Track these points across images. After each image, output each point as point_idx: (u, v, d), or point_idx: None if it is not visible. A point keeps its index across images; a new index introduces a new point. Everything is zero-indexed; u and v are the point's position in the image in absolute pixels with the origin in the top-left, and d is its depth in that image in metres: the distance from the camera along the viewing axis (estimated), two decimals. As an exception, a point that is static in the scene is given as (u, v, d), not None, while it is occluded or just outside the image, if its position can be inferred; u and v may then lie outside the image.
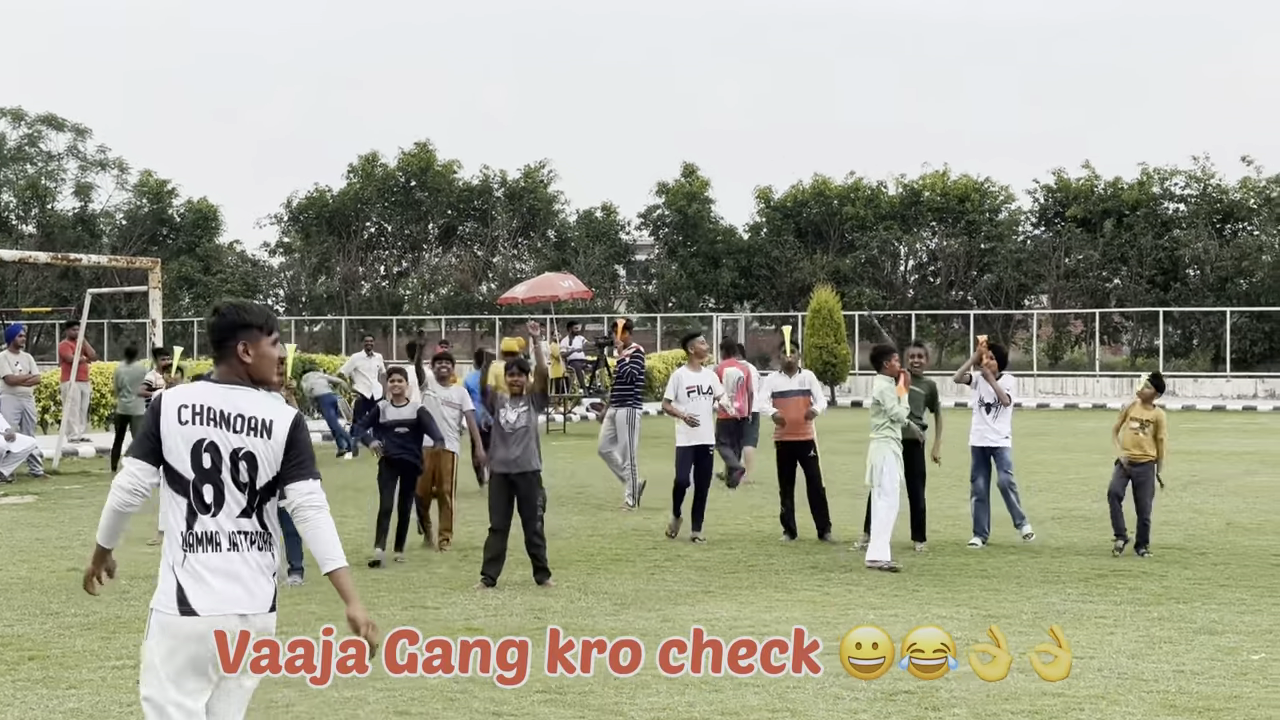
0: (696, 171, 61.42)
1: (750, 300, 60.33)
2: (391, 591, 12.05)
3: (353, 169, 64.51)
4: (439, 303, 62.67)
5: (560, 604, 11.54)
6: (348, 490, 19.75)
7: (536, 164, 64.08)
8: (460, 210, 64.29)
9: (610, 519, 17.06)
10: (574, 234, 62.64)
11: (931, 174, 58.08)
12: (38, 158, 68.87)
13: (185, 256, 64.52)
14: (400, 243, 65.61)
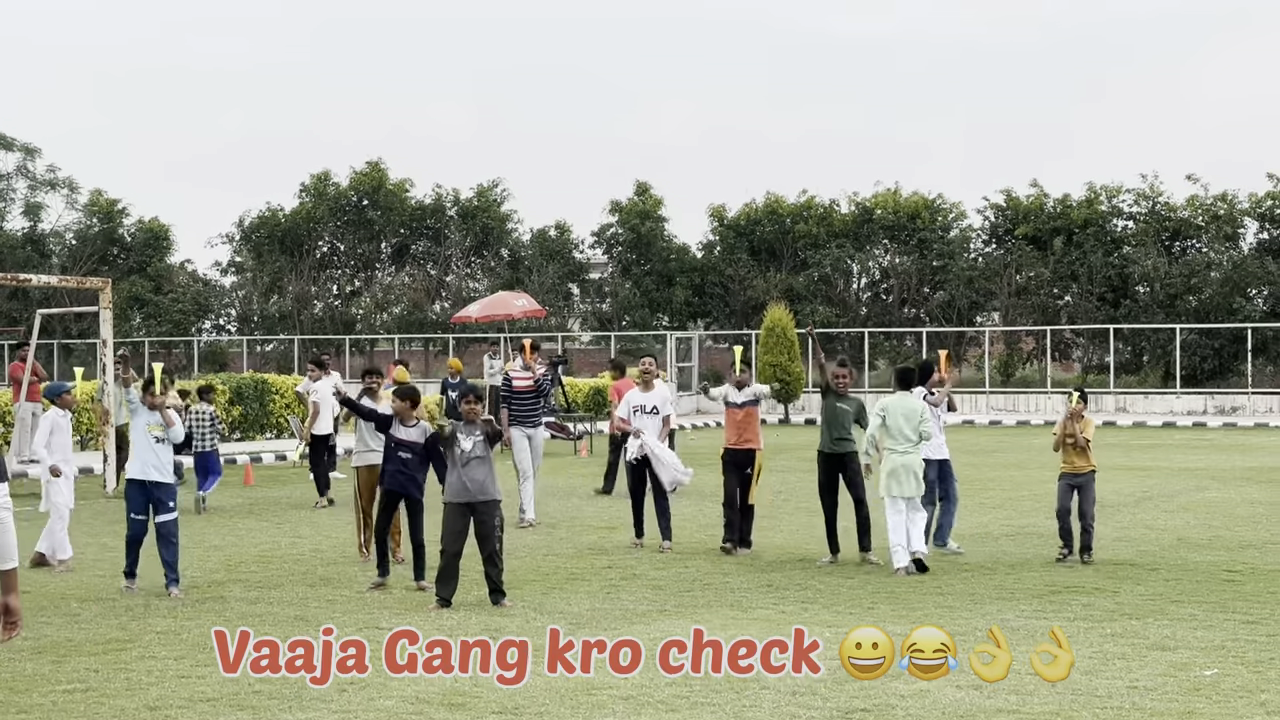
0: (650, 190, 61.52)
1: (704, 318, 60.40)
2: (347, 613, 11.99)
3: (305, 188, 64.31)
4: (392, 322, 62.51)
5: (516, 624, 11.50)
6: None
7: (489, 183, 64.06)
8: (413, 229, 64.15)
9: (565, 538, 17.03)
10: (528, 253, 62.61)
11: (883, 192, 58.34)
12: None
13: (136, 276, 64.11)
14: (353, 262, 65.41)
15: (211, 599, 12.72)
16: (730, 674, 9.46)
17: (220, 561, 15.07)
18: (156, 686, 9.29)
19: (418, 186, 64.20)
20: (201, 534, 17.49)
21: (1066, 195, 55.47)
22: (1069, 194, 55.52)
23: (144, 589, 13.17)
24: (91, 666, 9.90)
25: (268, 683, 9.36)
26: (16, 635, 6.40)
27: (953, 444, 16.83)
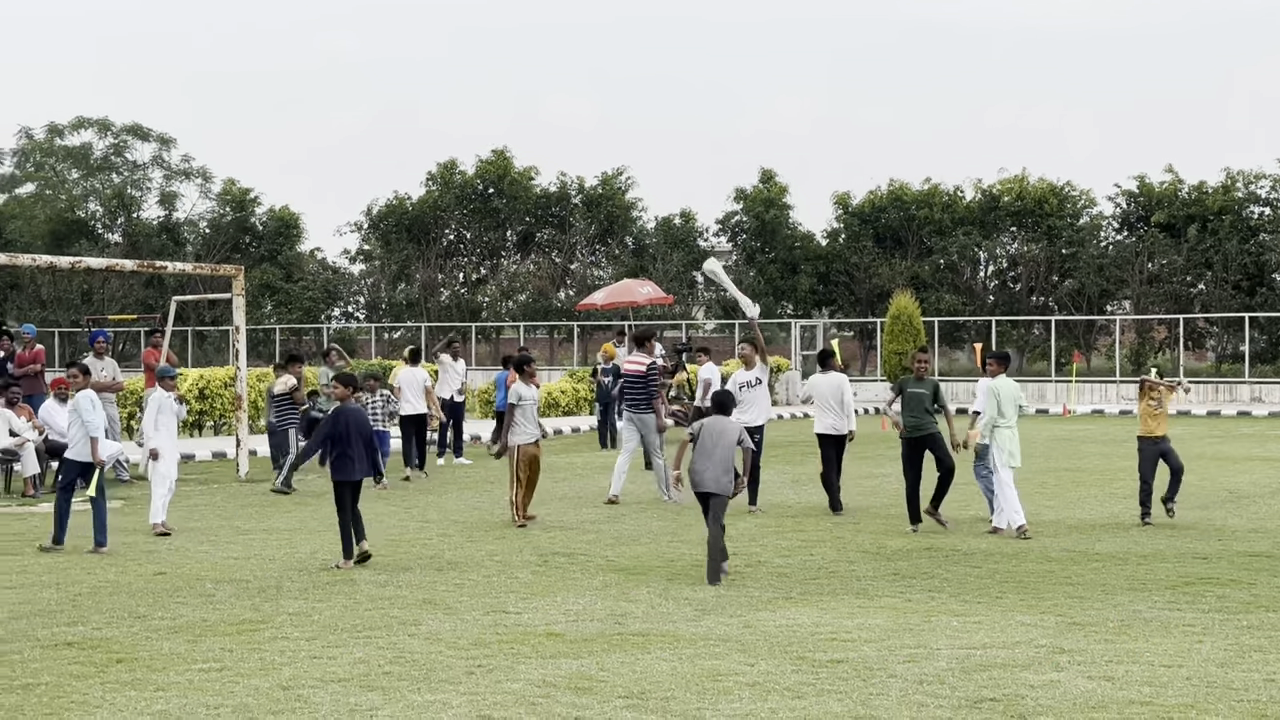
0: (774, 177, 61.28)
1: (829, 306, 60.10)
2: (474, 597, 12.09)
3: (431, 176, 64.85)
4: (517, 309, 62.87)
5: (641, 609, 11.53)
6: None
7: (614, 170, 64.15)
8: (538, 217, 64.46)
9: (691, 524, 17.02)
10: (652, 240, 62.64)
11: (1010, 178, 57.63)
12: (124, 167, 69.75)
13: (267, 264, 65.06)
14: (479, 250, 65.87)
15: (342, 582, 12.88)
16: (855, 661, 9.44)
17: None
18: (289, 666, 9.43)
19: (543, 175, 64.52)
20: (331, 519, 17.69)
21: (1202, 182, 54.39)
22: (1204, 180, 54.45)
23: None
24: (226, 646, 10.07)
25: (399, 663, 9.47)
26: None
27: (1083, 432, 16.64)
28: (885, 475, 21.63)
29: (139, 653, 9.85)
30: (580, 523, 17.22)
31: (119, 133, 69.57)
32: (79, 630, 10.64)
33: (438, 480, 22.65)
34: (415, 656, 9.71)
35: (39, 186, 70.80)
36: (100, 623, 10.96)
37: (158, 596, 12.11)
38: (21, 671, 9.25)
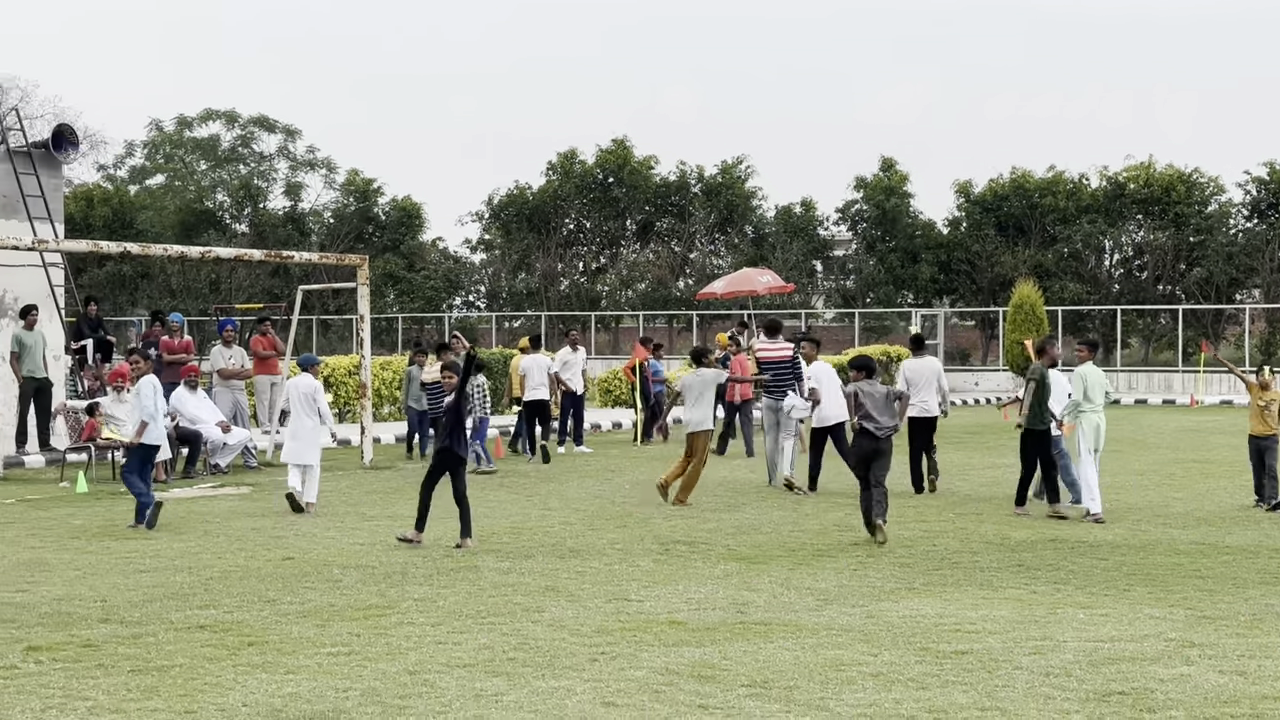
0: (895, 165, 60.87)
1: (950, 295, 59.60)
2: (596, 584, 12.15)
3: (552, 166, 65.18)
4: (637, 298, 63.01)
5: (763, 599, 11.52)
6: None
7: (734, 159, 64.08)
8: (657, 206, 64.55)
9: (811, 513, 16.99)
10: (771, 229, 62.49)
11: (1135, 165, 56.74)
12: (250, 158, 70.90)
13: (390, 254, 65.76)
14: (598, 239, 66.09)
15: (465, 568, 13.00)
16: (980, 653, 9.37)
17: (475, 532, 15.37)
18: (415, 651, 9.54)
19: (662, 164, 64.60)
20: (452, 505, 17.88)
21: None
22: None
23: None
24: (353, 631, 10.20)
25: (523, 649, 9.55)
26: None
27: (1210, 423, 16.41)
28: (1008, 465, 21.44)
29: (269, 636, 10.02)
30: (700, 511, 17.24)
31: (246, 124, 70.73)
32: (211, 613, 10.84)
33: (559, 468, 22.79)
34: (539, 643, 9.79)
35: (169, 178, 72.20)
36: (231, 606, 11.16)
37: (286, 581, 12.30)
38: (157, 653, 9.45)
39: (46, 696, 8.32)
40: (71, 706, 8.11)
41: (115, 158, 75.21)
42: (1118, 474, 21.00)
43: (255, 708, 8.10)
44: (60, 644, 9.72)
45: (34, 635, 10.01)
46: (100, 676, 8.81)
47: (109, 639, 9.90)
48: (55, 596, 11.56)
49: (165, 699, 8.29)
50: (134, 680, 8.72)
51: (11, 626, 10.32)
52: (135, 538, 15.04)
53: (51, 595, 11.61)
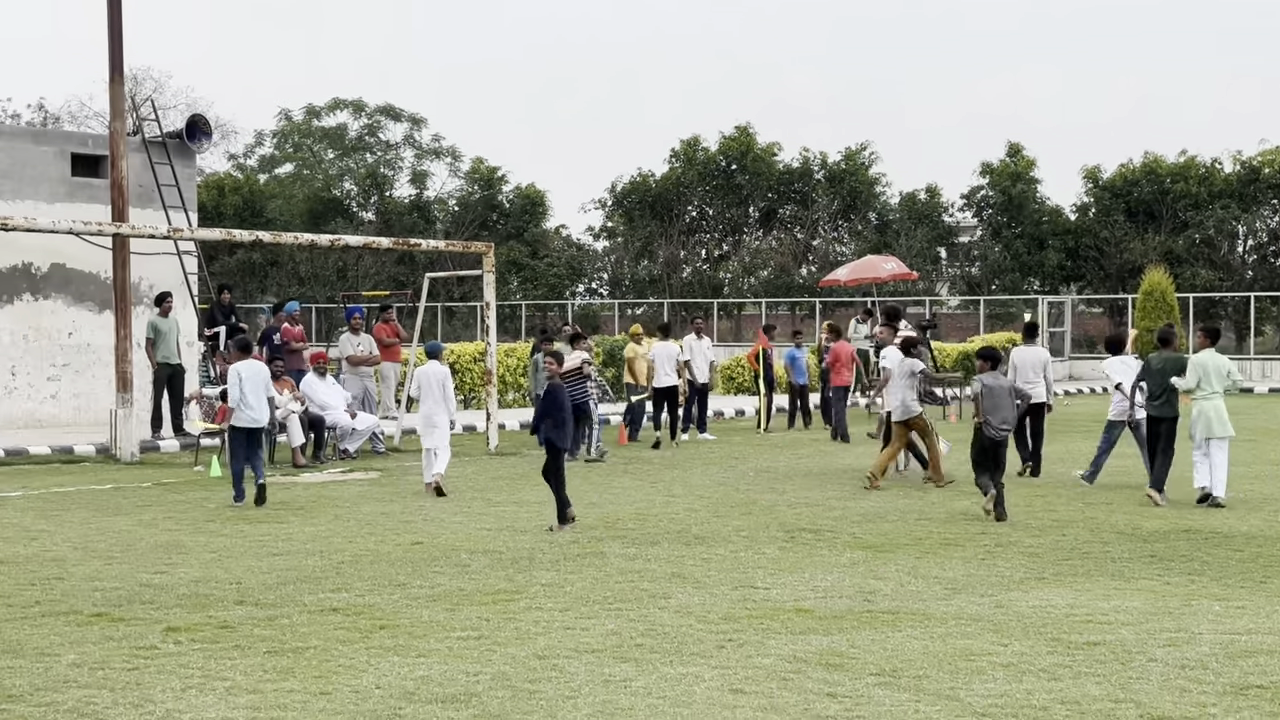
0: (1022, 151, 60.10)
1: (1077, 282, 58.77)
2: (722, 571, 12.16)
3: (674, 153, 65.15)
4: (759, 286, 62.84)
5: (890, 587, 11.47)
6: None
7: (857, 146, 63.65)
8: (780, 193, 64.29)
9: (938, 502, 16.87)
10: (896, 216, 62.02)
11: (1271, 150, 55.55)
12: (377, 147, 71.67)
13: (513, 241, 66.14)
14: (721, 226, 65.98)
15: (591, 554, 13.07)
16: (1113, 644, 9.26)
17: (598, 518, 15.46)
18: (544, 636, 9.62)
19: (785, 150, 64.32)
20: (580, 491, 17.99)
21: None
22: None
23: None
24: (482, 615, 10.31)
25: (650, 635, 9.59)
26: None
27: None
28: (1136, 455, 21.10)
29: (400, 619, 10.15)
30: (825, 499, 17.19)
31: (372, 113, 71.49)
32: (343, 597, 11.01)
33: (683, 455, 22.82)
34: (666, 629, 9.82)
35: (297, 166, 73.20)
36: (363, 589, 11.32)
37: (416, 565, 12.45)
38: (291, 636, 9.61)
39: (186, 676, 8.50)
40: (210, 686, 8.28)
41: (245, 147, 76.42)
42: (1252, 463, 20.62)
43: (388, 690, 8.22)
44: (198, 625, 9.92)
45: (173, 616, 10.23)
46: (237, 657, 8.99)
47: (245, 620, 10.09)
48: (192, 578, 11.80)
49: (300, 680, 8.44)
50: (270, 661, 8.89)
51: (151, 608, 10.56)
52: (268, 521, 15.30)
53: (189, 577, 11.85)
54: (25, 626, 9.87)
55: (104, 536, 14.17)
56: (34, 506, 16.60)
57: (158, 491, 18.12)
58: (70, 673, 8.57)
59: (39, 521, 15.27)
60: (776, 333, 31.03)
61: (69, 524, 15.07)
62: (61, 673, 8.57)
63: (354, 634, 9.68)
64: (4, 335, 26.13)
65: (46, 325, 26.61)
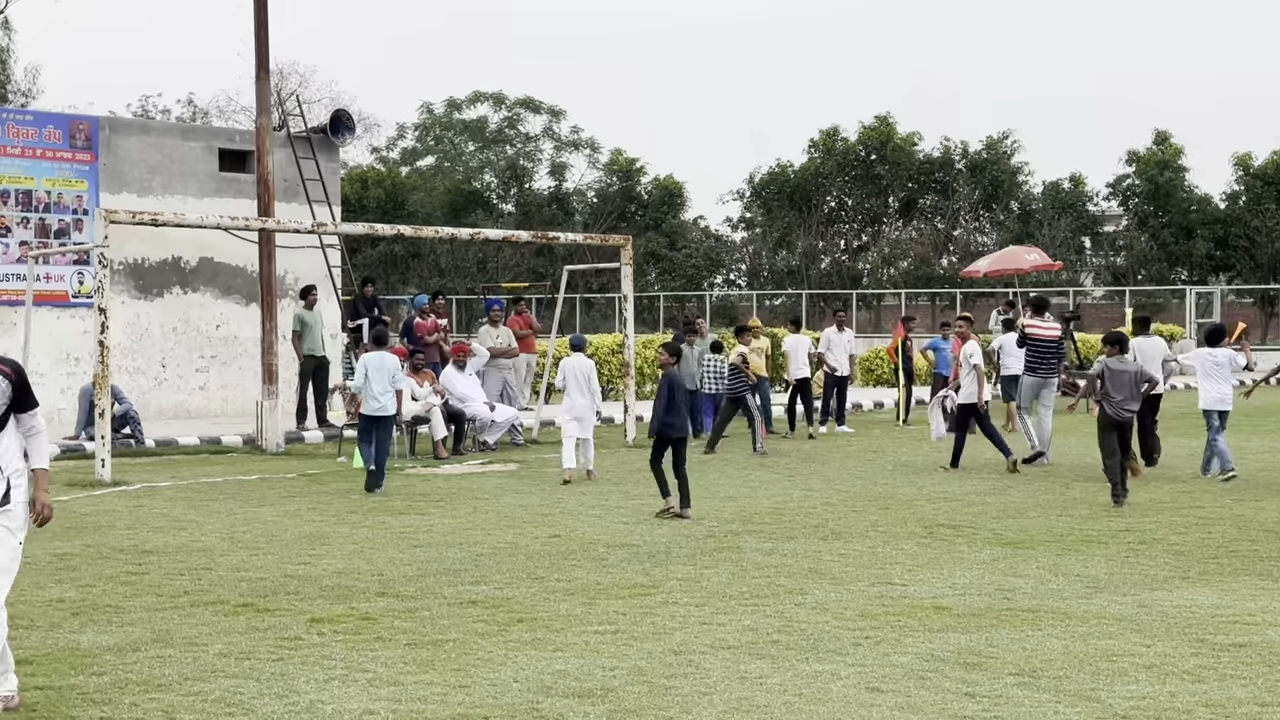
0: (1169, 139, 59.06)
1: (1226, 272, 57.61)
2: (860, 568, 12.11)
3: (813, 144, 64.93)
4: (899, 276, 62.44)
5: (1030, 585, 11.33)
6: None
7: (999, 134, 62.97)
8: (920, 183, 63.83)
9: (1080, 498, 16.64)
10: (1039, 205, 61.23)
11: None
12: (516, 139, 72.22)
13: (651, 232, 66.34)
14: (860, 217, 65.65)
15: (728, 549, 13.08)
16: (1260, 646, 9.07)
17: (735, 512, 15.47)
18: (680, 632, 9.65)
19: (926, 140, 63.83)
20: (715, 485, 18.02)
21: None
22: None
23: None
24: (619, 609, 10.36)
25: (786, 632, 9.58)
26: (46, 521, 8.01)
27: None
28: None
29: (538, 613, 10.24)
30: (964, 493, 17.03)
31: (512, 106, 72.07)
32: (482, 589, 11.12)
33: (821, 448, 22.75)
34: (802, 626, 9.80)
35: (438, 159, 74.03)
36: (501, 582, 11.43)
37: (554, 559, 12.55)
38: (431, 628, 9.74)
39: (329, 668, 8.66)
40: (352, 678, 8.42)
41: (388, 140, 77.48)
42: None
43: (525, 684, 8.30)
44: (340, 616, 10.09)
45: (316, 607, 10.41)
46: (379, 649, 9.13)
47: (386, 612, 10.24)
48: (335, 570, 12.00)
49: (440, 672, 8.55)
50: (410, 653, 9.01)
51: (295, 598, 10.76)
52: (409, 513, 15.51)
53: (332, 568, 12.06)
54: (174, 616, 10.10)
55: (250, 527, 14.46)
56: (183, 497, 16.99)
57: (302, 483, 18.45)
58: (217, 662, 8.76)
59: (188, 511, 15.63)
60: (916, 323, 30.81)
61: (216, 514, 15.40)
62: (209, 662, 8.77)
63: (492, 627, 9.78)
64: (154, 328, 26.77)
65: (195, 318, 27.21)
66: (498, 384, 24.23)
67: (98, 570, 11.92)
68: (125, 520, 14.92)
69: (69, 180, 25.85)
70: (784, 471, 19.60)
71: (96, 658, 8.86)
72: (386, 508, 15.94)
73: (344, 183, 62.92)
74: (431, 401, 21.40)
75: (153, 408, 26.02)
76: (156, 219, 20.64)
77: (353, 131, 30.88)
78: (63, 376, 25.45)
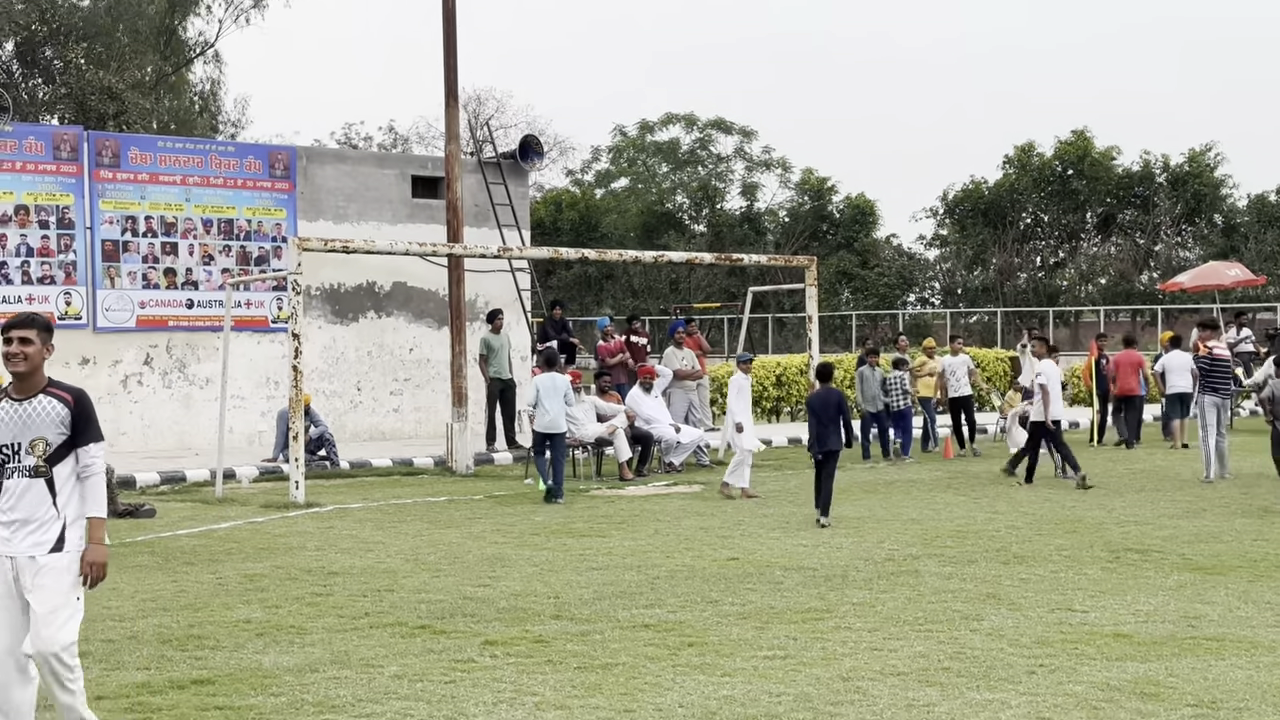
0: (1383, 146, 57.05)
1: None
2: (1039, 593, 11.90)
3: (1008, 160, 64.08)
4: (1097, 293, 61.23)
5: (1217, 612, 11.03)
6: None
7: (1202, 147, 61.46)
8: (1119, 198, 62.56)
9: (1278, 523, 16.13)
10: (1243, 219, 59.60)
11: None
12: (708, 160, 72.43)
13: (843, 251, 66.04)
14: (1057, 233, 64.58)
15: (906, 573, 12.96)
16: None
17: (916, 535, 15.32)
18: (850, 657, 9.59)
19: (1124, 154, 62.59)
20: (899, 507, 17.86)
21: None
22: None
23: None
24: (790, 634, 10.33)
25: (958, 659, 9.46)
26: (98, 582, 7.34)
27: None
28: None
29: (709, 637, 10.26)
30: (1156, 517, 16.63)
31: (704, 127, 72.29)
32: (655, 613, 11.18)
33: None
34: (975, 653, 9.67)
35: (631, 181, 74.57)
36: (675, 605, 11.48)
37: (729, 582, 12.56)
38: (602, 651, 9.81)
39: (498, 690, 8.78)
40: (520, 701, 8.53)
41: (582, 163, 78.26)
42: None
43: (691, 709, 8.32)
44: (514, 639, 10.22)
45: (491, 630, 10.56)
46: (549, 672, 9.23)
47: (559, 635, 10.35)
48: (513, 592, 12.15)
49: (607, 696, 8.62)
50: (579, 677, 9.10)
51: (472, 620, 10.92)
52: (590, 535, 15.65)
53: (510, 590, 12.22)
54: (354, 637, 10.33)
55: (434, 549, 14.72)
56: (372, 518, 17.36)
57: (488, 504, 18.72)
58: (391, 684, 8.94)
59: (375, 533, 15.96)
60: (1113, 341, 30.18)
61: (403, 536, 15.71)
62: (383, 684, 8.95)
63: (663, 650, 9.83)
64: (350, 351, 27.40)
65: (389, 341, 27.79)
66: (683, 405, 24.34)
67: (285, 591, 12.24)
68: (315, 541, 15.30)
69: (268, 209, 26.61)
70: (969, 493, 19.35)
71: (276, 678, 9.11)
72: (568, 529, 16.10)
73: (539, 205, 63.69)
74: (616, 424, 21.56)
75: (348, 430, 26.63)
76: (348, 246, 21.14)
77: (541, 157, 31.30)
78: (263, 400, 26.18)
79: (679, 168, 73.21)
